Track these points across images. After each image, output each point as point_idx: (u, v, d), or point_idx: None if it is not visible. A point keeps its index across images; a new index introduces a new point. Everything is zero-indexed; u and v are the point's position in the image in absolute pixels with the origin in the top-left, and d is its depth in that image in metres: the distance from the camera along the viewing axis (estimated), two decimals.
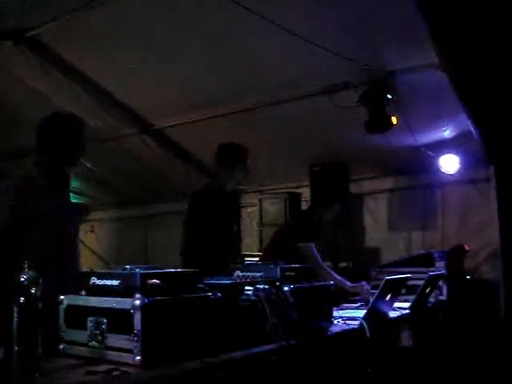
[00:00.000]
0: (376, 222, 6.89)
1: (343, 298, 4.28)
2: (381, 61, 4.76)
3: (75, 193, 8.70)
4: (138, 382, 1.92)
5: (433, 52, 4.41)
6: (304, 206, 6.78)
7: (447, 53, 4.29)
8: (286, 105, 5.47)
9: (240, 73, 5.16)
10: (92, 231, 9.24)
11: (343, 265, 6.49)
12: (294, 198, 6.93)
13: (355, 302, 4.27)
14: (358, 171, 6.56)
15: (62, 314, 2.25)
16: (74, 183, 8.36)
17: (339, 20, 4.37)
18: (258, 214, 7.17)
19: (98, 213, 9.27)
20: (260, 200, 7.20)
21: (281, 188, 7.23)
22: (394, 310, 3.81)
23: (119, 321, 2.04)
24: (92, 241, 9.03)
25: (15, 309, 1.84)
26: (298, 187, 7.04)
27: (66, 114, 3.52)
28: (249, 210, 7.46)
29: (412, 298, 4.02)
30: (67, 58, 5.29)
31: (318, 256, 4.59)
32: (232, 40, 4.71)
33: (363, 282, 4.39)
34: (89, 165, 7.39)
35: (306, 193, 6.73)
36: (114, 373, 1.89)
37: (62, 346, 2.23)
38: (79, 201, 9.00)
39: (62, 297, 2.26)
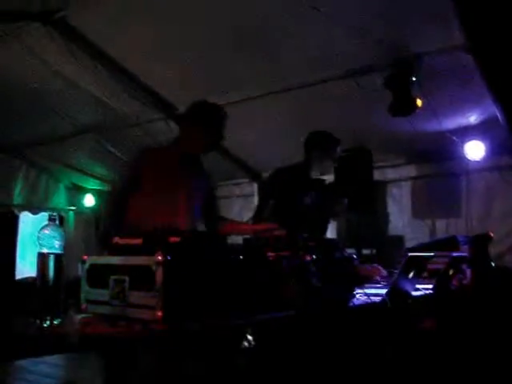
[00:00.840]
0: (400, 209, 6.86)
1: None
2: (406, 43, 4.73)
3: (101, 180, 8.80)
4: (158, 335, 1.93)
5: (459, 34, 4.38)
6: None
7: (474, 33, 4.26)
8: (310, 89, 5.44)
9: (265, 55, 5.16)
10: None
11: (366, 252, 6.45)
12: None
13: (379, 282, 4.26)
14: (382, 158, 6.53)
15: (84, 274, 2.28)
16: (99, 170, 8.46)
17: (365, 2, 4.36)
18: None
19: None
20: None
21: None
22: (417, 289, 3.78)
23: (141, 278, 2.06)
24: None
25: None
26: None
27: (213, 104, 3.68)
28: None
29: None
30: (95, 41, 5.34)
31: None
32: (256, 23, 4.72)
33: (377, 265, 4.39)
34: (114, 150, 7.53)
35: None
36: (136, 326, 1.92)
37: (84, 306, 2.26)
38: (103, 188, 9.11)
39: (84, 257, 2.29)
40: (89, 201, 9.19)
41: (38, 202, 8.45)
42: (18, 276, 7.29)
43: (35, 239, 1.92)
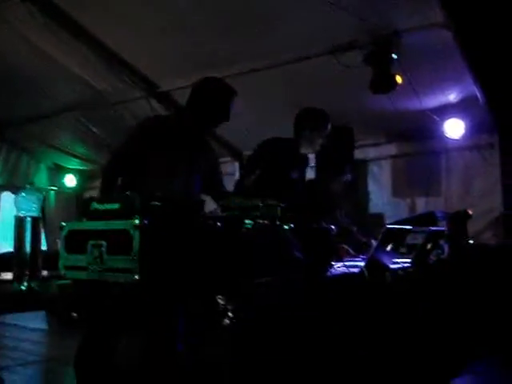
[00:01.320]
0: (380, 187, 6.92)
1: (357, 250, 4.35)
2: (386, 20, 4.73)
3: (82, 159, 8.77)
4: (136, 297, 1.96)
5: (440, 11, 4.40)
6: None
7: (454, 11, 4.28)
8: (291, 65, 5.44)
9: (244, 33, 5.16)
10: None
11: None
12: None
13: (358, 256, 4.30)
14: (363, 136, 6.56)
15: (62, 241, 2.29)
16: (81, 150, 8.42)
17: None
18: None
19: None
20: None
21: None
22: (395, 262, 3.82)
23: (118, 243, 2.07)
24: None
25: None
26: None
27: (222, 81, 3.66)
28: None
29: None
30: (75, 18, 5.30)
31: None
32: (241, 5, 4.72)
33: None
34: (95, 129, 7.49)
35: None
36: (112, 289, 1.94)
37: (62, 272, 2.27)
38: (86, 168, 9.08)
39: (63, 223, 2.30)
40: (70, 180, 9.16)
41: (19, 182, 8.40)
42: None
43: None
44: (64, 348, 4.13)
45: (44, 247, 6.42)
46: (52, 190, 8.97)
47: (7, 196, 8.28)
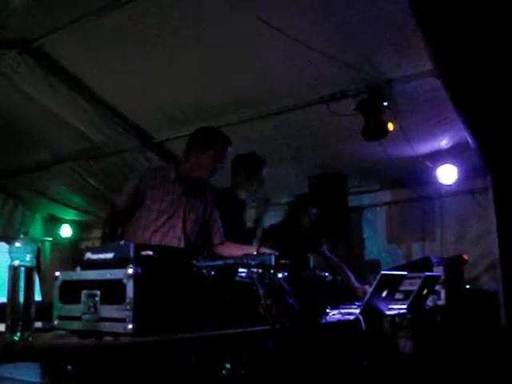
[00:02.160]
0: (375, 234, 6.93)
1: (349, 296, 4.33)
2: (378, 69, 4.82)
3: (78, 210, 8.78)
4: (128, 346, 1.94)
5: (429, 59, 4.49)
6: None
7: (442, 59, 4.36)
8: (283, 115, 5.52)
9: (237, 84, 5.23)
10: None
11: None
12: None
13: (353, 303, 4.28)
14: (357, 183, 6.61)
15: (57, 291, 2.29)
16: (77, 200, 8.43)
17: (337, 30, 4.44)
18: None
19: (100, 231, 9.28)
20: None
21: (281, 200, 7.24)
22: (391, 308, 3.81)
23: (112, 292, 2.07)
24: None
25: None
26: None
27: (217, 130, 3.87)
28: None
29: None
30: (71, 70, 5.37)
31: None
32: (230, 50, 4.80)
33: (367, 286, 4.45)
34: (91, 180, 7.53)
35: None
36: (105, 338, 1.93)
37: (56, 322, 2.26)
38: (81, 218, 9.08)
39: (57, 273, 2.30)
40: (65, 231, 9.16)
41: (14, 233, 8.39)
42: None
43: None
44: None
45: (38, 298, 6.39)
46: (47, 240, 8.96)
47: (2, 247, 8.25)
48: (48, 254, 8.95)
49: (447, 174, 5.98)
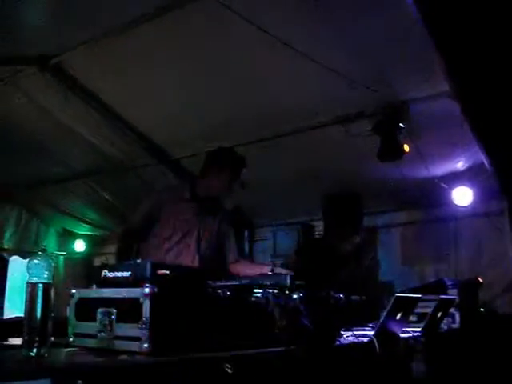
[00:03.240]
0: (389, 255, 6.89)
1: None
2: (394, 90, 4.83)
3: (92, 225, 8.81)
4: (144, 366, 1.94)
5: (445, 81, 4.49)
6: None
7: (458, 81, 4.36)
8: (299, 135, 5.53)
9: (253, 104, 5.26)
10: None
11: (355, 298, 6.44)
12: (308, 230, 6.96)
13: (367, 325, 4.25)
14: (372, 204, 6.58)
15: (72, 308, 2.30)
16: (91, 215, 8.47)
17: (353, 50, 4.47)
18: (271, 247, 7.21)
19: (114, 246, 9.31)
20: (274, 233, 7.24)
21: (294, 221, 7.25)
22: (405, 331, 3.79)
23: (128, 310, 2.08)
24: None
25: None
26: (311, 220, 7.07)
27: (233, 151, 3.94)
28: (263, 243, 7.50)
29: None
30: (89, 86, 5.44)
31: None
32: (244, 69, 4.84)
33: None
34: (106, 195, 7.57)
35: (319, 226, 6.77)
36: (121, 357, 1.93)
37: (71, 339, 2.27)
38: (95, 233, 9.11)
39: (73, 291, 2.31)
40: (79, 246, 9.19)
41: (28, 247, 8.44)
42: (6, 316, 7.22)
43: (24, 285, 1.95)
44: None
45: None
46: (61, 254, 9.01)
47: (16, 260, 8.32)
48: (61, 269, 8.99)
49: (463, 196, 5.94)
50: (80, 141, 6.26)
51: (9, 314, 7.39)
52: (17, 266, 8.37)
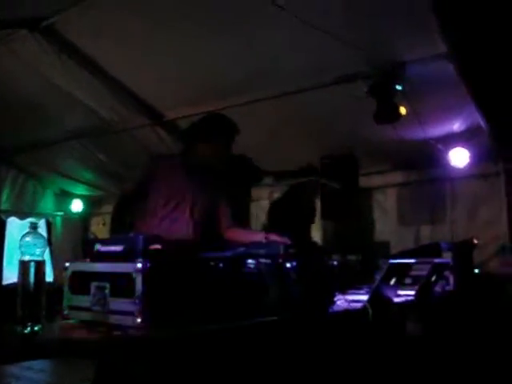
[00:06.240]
0: (385, 215, 6.91)
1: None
2: (390, 52, 4.77)
3: (88, 185, 8.82)
4: (137, 341, 1.96)
5: (442, 42, 4.44)
6: None
7: (454, 43, 4.32)
8: (296, 96, 5.48)
9: (250, 63, 5.19)
10: (104, 224, 9.31)
11: (352, 257, 6.49)
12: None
13: (361, 288, 4.29)
14: (368, 165, 6.58)
15: (66, 281, 2.31)
16: (88, 176, 8.47)
17: (348, 10, 4.40)
18: (267, 207, 7.23)
19: (111, 206, 9.33)
20: (271, 193, 7.25)
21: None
22: (399, 295, 3.82)
23: (121, 285, 2.09)
24: (104, 234, 9.11)
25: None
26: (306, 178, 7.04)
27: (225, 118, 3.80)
28: (260, 203, 7.52)
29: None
30: (82, 48, 5.37)
31: None
32: (243, 29, 4.77)
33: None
34: (102, 156, 7.55)
35: None
36: (115, 332, 1.95)
37: (66, 312, 2.29)
38: (92, 194, 9.13)
39: (67, 264, 2.32)
40: (76, 206, 9.22)
41: (25, 208, 8.46)
42: (5, 281, 7.28)
43: None
44: (68, 375, 4.17)
45: (50, 279, 6.50)
46: (58, 215, 9.03)
47: (13, 222, 8.35)
48: (59, 229, 9.03)
49: (459, 157, 5.93)
50: (74, 102, 6.20)
51: (8, 277, 7.44)
52: (15, 227, 8.41)
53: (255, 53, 5.04)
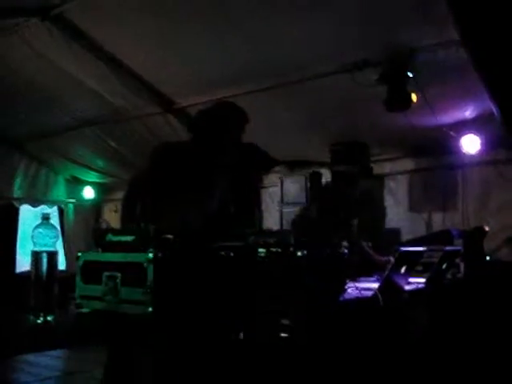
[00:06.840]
0: (396, 202, 6.88)
1: (372, 269, 4.34)
2: (402, 38, 4.74)
3: (100, 172, 8.85)
4: (150, 330, 1.99)
5: (453, 28, 4.40)
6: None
7: (467, 29, 4.28)
8: (308, 83, 5.46)
9: (262, 51, 5.19)
10: (116, 211, 9.34)
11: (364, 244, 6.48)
12: (316, 178, 6.93)
13: (372, 276, 4.29)
14: (379, 152, 6.56)
15: (78, 271, 2.33)
16: (99, 163, 8.50)
17: None
18: (279, 194, 7.24)
19: (122, 193, 9.34)
20: (281, 179, 7.25)
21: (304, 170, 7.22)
22: (410, 283, 3.82)
23: (133, 275, 2.11)
24: (116, 221, 9.14)
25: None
26: (319, 167, 7.04)
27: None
28: (270, 190, 7.53)
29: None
30: (93, 35, 5.39)
31: None
32: (254, 17, 4.76)
33: (391, 257, 4.44)
34: (113, 144, 7.58)
35: (327, 173, 6.74)
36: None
37: (78, 301, 2.32)
38: (104, 181, 9.16)
39: (79, 253, 2.34)
40: (88, 193, 9.27)
41: (38, 195, 8.53)
42: (19, 269, 7.34)
43: None
44: (82, 362, 4.23)
45: (62, 266, 6.54)
46: (70, 202, 9.08)
47: (26, 209, 8.42)
48: (71, 216, 9.09)
49: (470, 144, 5.90)
50: (86, 90, 6.25)
51: (21, 264, 7.49)
52: (28, 214, 8.49)
53: (265, 40, 5.03)
